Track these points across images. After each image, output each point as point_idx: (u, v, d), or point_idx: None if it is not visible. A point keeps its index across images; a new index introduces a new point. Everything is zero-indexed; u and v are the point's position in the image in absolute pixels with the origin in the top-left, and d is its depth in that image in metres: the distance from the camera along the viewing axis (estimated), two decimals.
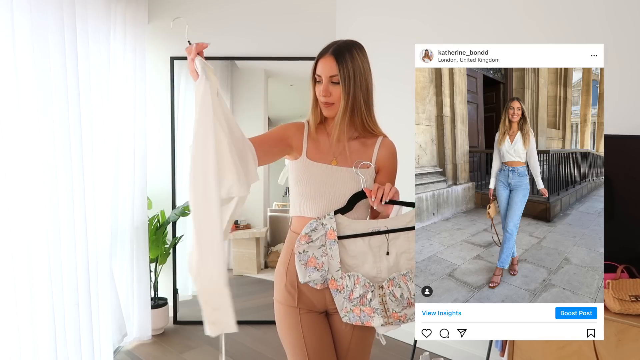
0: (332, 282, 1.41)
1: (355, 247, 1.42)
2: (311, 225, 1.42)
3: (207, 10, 3.37)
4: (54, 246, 2.08)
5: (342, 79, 1.42)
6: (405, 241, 1.44)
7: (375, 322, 1.40)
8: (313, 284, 1.42)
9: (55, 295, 2.07)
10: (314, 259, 1.41)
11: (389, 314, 1.40)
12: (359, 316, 1.41)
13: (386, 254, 1.43)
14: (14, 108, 1.89)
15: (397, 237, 1.44)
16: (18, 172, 1.92)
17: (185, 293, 3.48)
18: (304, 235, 1.41)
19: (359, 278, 1.39)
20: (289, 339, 1.49)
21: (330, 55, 1.43)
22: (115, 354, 2.91)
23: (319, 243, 1.42)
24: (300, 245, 1.41)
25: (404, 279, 1.42)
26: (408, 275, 1.42)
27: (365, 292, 1.39)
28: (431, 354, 2.93)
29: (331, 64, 1.42)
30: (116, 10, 2.86)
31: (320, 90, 1.44)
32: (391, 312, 1.40)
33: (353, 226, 1.44)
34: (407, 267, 1.43)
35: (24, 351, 1.94)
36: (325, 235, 1.42)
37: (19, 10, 1.88)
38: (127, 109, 2.94)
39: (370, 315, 1.40)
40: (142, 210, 3.08)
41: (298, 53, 3.33)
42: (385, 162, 1.53)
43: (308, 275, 1.41)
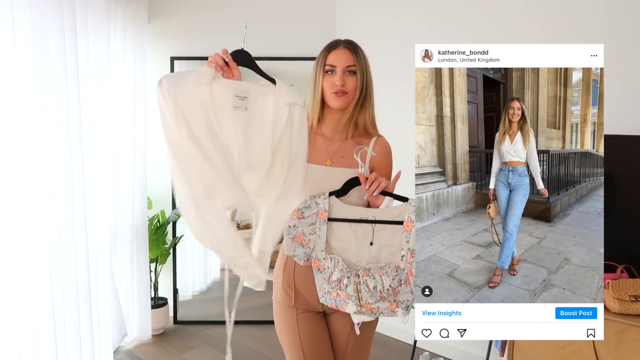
0: (315, 262, 1.42)
1: (342, 231, 1.42)
2: (305, 202, 1.43)
3: (207, 11, 3.37)
4: (54, 246, 2.08)
5: (360, 70, 1.45)
6: (390, 234, 1.42)
7: (348, 308, 1.40)
8: (297, 259, 1.43)
9: (55, 295, 2.07)
10: (301, 235, 1.42)
11: (362, 303, 1.39)
12: (334, 299, 1.41)
13: (370, 244, 1.42)
14: (14, 108, 1.89)
15: (384, 230, 1.42)
16: (18, 172, 1.92)
17: (185, 293, 3.48)
18: (296, 210, 1.42)
19: (338, 262, 1.39)
20: (286, 338, 1.50)
21: (344, 47, 1.45)
22: (115, 354, 2.92)
23: (309, 221, 1.43)
24: (292, 220, 1.42)
25: (380, 271, 1.39)
26: (385, 269, 1.39)
27: (342, 277, 1.39)
28: (431, 354, 2.93)
29: (347, 55, 1.44)
30: (116, 11, 2.86)
31: (334, 79, 1.44)
32: (364, 301, 1.39)
33: (343, 210, 1.44)
34: (388, 261, 1.41)
35: (24, 351, 1.94)
36: (316, 214, 1.42)
37: (19, 10, 1.88)
38: (127, 109, 2.94)
39: (345, 300, 1.40)
40: (142, 210, 3.08)
41: (298, 53, 3.33)
42: (379, 161, 1.53)
43: (293, 250, 1.42)
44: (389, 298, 1.40)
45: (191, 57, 3.34)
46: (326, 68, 1.46)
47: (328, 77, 1.46)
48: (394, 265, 1.39)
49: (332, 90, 1.45)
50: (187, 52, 3.35)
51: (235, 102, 1.30)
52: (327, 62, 1.45)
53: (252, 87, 1.34)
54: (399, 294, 1.41)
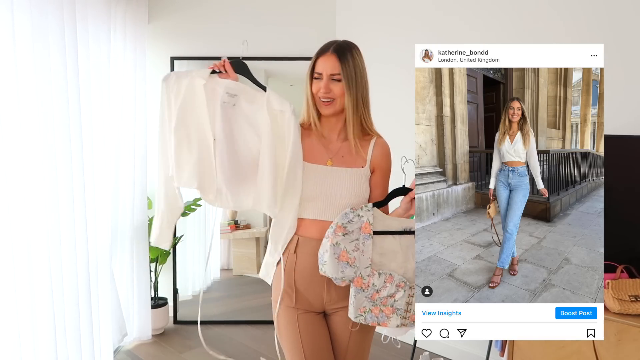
0: (358, 280, 1.34)
1: (385, 244, 1.37)
2: (347, 216, 1.35)
3: (207, 11, 3.37)
4: (54, 246, 2.08)
5: (346, 77, 1.44)
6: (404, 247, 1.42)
7: (391, 322, 1.36)
8: (339, 281, 1.35)
9: (55, 295, 2.07)
10: (345, 253, 1.33)
11: (408, 315, 1.36)
12: (377, 316, 1.36)
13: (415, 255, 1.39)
14: (14, 107, 1.89)
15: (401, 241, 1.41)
16: (18, 172, 1.92)
17: (185, 293, 3.48)
18: (339, 226, 1.34)
19: (391, 276, 1.34)
20: (286, 339, 1.49)
21: (332, 53, 1.44)
22: (115, 354, 2.92)
23: (353, 236, 1.34)
24: (336, 237, 1.33)
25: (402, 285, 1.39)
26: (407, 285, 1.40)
27: (395, 292, 1.34)
28: (431, 354, 2.93)
29: (333, 62, 1.43)
30: (116, 10, 2.86)
31: (319, 86, 1.44)
32: (412, 312, 1.36)
33: (387, 222, 1.38)
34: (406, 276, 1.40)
35: (24, 351, 1.94)
36: (360, 228, 1.35)
37: (20, 10, 1.88)
38: (127, 108, 2.94)
39: (389, 315, 1.36)
40: (142, 210, 3.08)
41: (298, 53, 3.34)
42: (379, 162, 1.53)
43: (341, 271, 1.33)
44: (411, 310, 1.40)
45: (191, 57, 3.34)
46: (314, 75, 1.46)
47: (315, 83, 1.46)
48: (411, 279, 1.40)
49: (318, 96, 1.47)
50: (187, 52, 3.35)
51: (225, 98, 1.41)
52: (314, 69, 1.46)
53: (243, 88, 1.45)
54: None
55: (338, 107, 1.47)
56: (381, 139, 1.56)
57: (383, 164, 1.54)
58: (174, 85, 1.39)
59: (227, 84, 1.42)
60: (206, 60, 3.35)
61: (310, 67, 1.47)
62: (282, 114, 1.43)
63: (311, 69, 1.47)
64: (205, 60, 3.34)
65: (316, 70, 1.45)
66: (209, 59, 3.35)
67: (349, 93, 1.45)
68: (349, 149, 1.51)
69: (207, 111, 1.39)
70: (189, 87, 1.39)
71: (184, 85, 1.39)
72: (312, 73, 1.47)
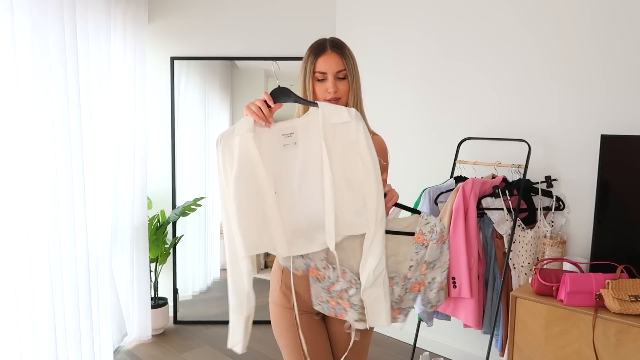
0: (314, 271, 1.37)
1: (346, 241, 1.37)
2: None
3: (208, 11, 3.37)
4: (54, 246, 2.08)
5: (351, 74, 1.43)
6: (395, 244, 1.40)
7: (349, 316, 1.38)
8: (294, 269, 1.38)
9: (55, 295, 2.07)
10: None
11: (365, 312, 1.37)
12: (333, 308, 1.39)
13: None
14: (14, 108, 1.89)
15: (389, 240, 1.39)
16: (18, 172, 1.92)
17: (185, 293, 3.48)
18: None
19: (344, 272, 1.35)
20: (285, 340, 1.48)
21: (332, 51, 1.41)
22: (115, 354, 2.92)
23: None
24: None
25: (391, 282, 1.38)
26: (395, 279, 1.39)
27: (348, 287, 1.36)
28: (431, 354, 2.93)
29: (337, 60, 1.41)
30: (116, 11, 2.86)
31: (326, 87, 1.41)
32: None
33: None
34: (394, 270, 1.40)
35: (24, 351, 1.95)
36: None
37: (19, 10, 1.88)
38: (127, 109, 2.94)
39: (346, 309, 1.37)
40: (142, 210, 3.08)
41: (298, 53, 3.32)
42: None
43: (290, 261, 1.37)
44: (395, 306, 1.40)
45: (191, 57, 3.34)
46: (317, 75, 1.42)
47: (320, 84, 1.42)
48: (402, 275, 1.39)
49: (325, 97, 1.42)
50: (187, 52, 3.35)
51: (284, 141, 1.31)
52: (316, 69, 1.41)
53: (293, 122, 1.34)
54: (403, 301, 1.42)
55: (344, 104, 1.44)
56: (378, 137, 1.54)
57: (381, 163, 1.53)
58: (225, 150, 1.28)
59: (279, 127, 1.32)
60: (206, 60, 3.35)
61: (310, 68, 1.42)
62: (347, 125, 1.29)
63: (312, 70, 1.42)
64: (205, 60, 3.35)
65: (318, 70, 1.41)
66: (209, 59, 3.35)
67: (352, 89, 1.44)
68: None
69: (264, 164, 1.28)
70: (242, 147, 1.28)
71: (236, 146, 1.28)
72: (314, 74, 1.42)
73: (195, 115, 3.43)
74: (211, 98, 3.45)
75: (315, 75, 1.42)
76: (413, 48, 3.02)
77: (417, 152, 3.03)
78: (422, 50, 2.97)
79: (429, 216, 1.42)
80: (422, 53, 2.97)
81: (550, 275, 2.01)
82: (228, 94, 3.44)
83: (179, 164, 3.38)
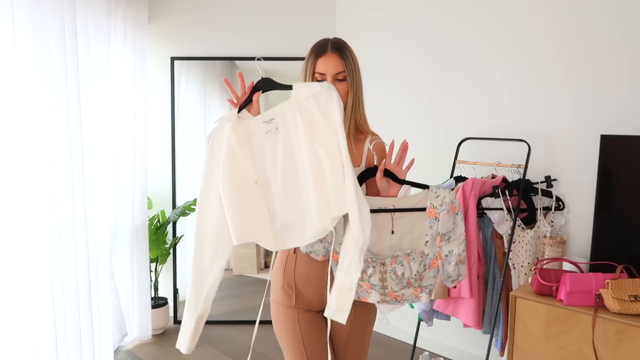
0: (334, 255, 1.38)
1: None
2: None
3: (208, 11, 3.37)
4: (54, 246, 2.08)
5: (350, 76, 1.43)
6: (410, 221, 1.41)
7: (371, 297, 1.39)
8: (314, 255, 1.40)
9: (56, 295, 2.07)
10: None
11: (386, 292, 1.38)
12: (356, 292, 1.39)
13: (391, 232, 1.41)
14: (14, 108, 1.89)
15: (402, 217, 1.41)
16: (18, 172, 1.92)
17: (186, 293, 3.47)
18: None
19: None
20: (287, 339, 1.49)
21: (332, 52, 1.42)
22: (115, 354, 2.92)
23: None
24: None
25: (407, 258, 1.39)
26: (412, 255, 1.39)
27: (366, 268, 1.36)
28: (431, 354, 2.93)
29: (336, 61, 1.41)
30: (116, 11, 2.87)
31: None
32: (389, 289, 1.38)
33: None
34: (410, 247, 1.41)
35: (25, 351, 1.95)
36: None
37: (20, 10, 1.89)
38: (127, 109, 2.95)
39: (368, 291, 1.38)
40: (142, 210, 3.08)
41: (298, 53, 3.33)
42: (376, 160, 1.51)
43: (310, 246, 1.39)
44: (415, 284, 1.40)
45: (191, 57, 3.34)
46: (316, 76, 1.43)
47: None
48: (419, 251, 1.40)
49: None
50: (187, 52, 3.35)
51: (265, 128, 1.33)
52: (316, 70, 1.42)
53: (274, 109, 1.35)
54: (423, 278, 1.41)
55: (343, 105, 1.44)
56: (376, 137, 1.54)
57: (379, 162, 1.53)
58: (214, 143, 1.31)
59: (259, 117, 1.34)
60: (206, 60, 3.35)
61: (310, 69, 1.43)
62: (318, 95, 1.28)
63: (311, 71, 1.43)
64: (205, 60, 3.35)
65: (318, 71, 1.42)
66: (209, 59, 3.35)
67: (351, 91, 1.44)
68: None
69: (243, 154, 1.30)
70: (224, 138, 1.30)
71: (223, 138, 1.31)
72: (313, 75, 1.43)
73: (195, 115, 3.43)
74: (211, 98, 3.46)
75: (314, 76, 1.43)
76: (413, 48, 3.02)
77: (417, 152, 3.02)
78: (423, 50, 2.97)
79: (438, 189, 1.43)
80: (423, 53, 2.97)
81: (550, 275, 2.01)
82: (228, 94, 3.44)
83: (179, 164, 3.38)
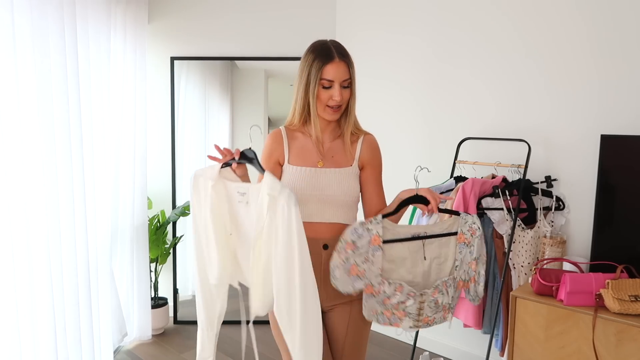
0: (369, 288, 1.36)
1: (394, 251, 1.38)
2: (356, 232, 1.36)
3: (208, 11, 3.37)
4: (54, 246, 2.08)
5: (353, 82, 1.47)
6: (437, 247, 1.43)
7: (404, 324, 1.40)
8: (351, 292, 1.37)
9: (55, 295, 2.07)
10: (355, 267, 1.35)
11: (420, 319, 1.40)
12: (388, 318, 1.40)
13: (423, 258, 1.42)
14: (14, 108, 1.89)
15: (432, 243, 1.43)
16: (18, 172, 1.92)
17: (185, 293, 3.48)
18: (349, 243, 1.35)
19: (401, 286, 1.36)
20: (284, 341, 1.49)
21: (340, 60, 1.43)
22: (115, 354, 2.92)
23: (362, 250, 1.36)
24: (344, 253, 1.34)
25: (445, 285, 1.41)
26: (448, 282, 1.42)
27: (406, 299, 1.36)
28: (431, 354, 2.93)
29: (344, 69, 1.44)
30: (116, 11, 2.86)
31: (330, 94, 1.44)
32: (424, 317, 1.40)
33: (396, 230, 1.40)
34: (438, 272, 1.43)
35: (25, 351, 1.95)
36: (369, 242, 1.37)
37: (20, 11, 1.88)
38: (127, 109, 2.94)
39: (401, 318, 1.39)
40: (142, 210, 3.08)
41: (298, 53, 3.32)
42: (369, 158, 1.54)
43: (351, 285, 1.35)
44: (447, 307, 1.44)
45: (191, 57, 3.34)
46: (323, 82, 1.43)
47: (324, 91, 1.44)
48: (452, 277, 1.43)
49: (328, 104, 1.45)
50: (187, 52, 3.35)
51: (239, 198, 1.38)
52: (324, 76, 1.42)
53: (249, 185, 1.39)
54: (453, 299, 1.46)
55: (342, 111, 1.50)
56: (369, 135, 1.57)
57: (373, 161, 1.55)
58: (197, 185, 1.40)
59: (237, 185, 1.38)
60: (206, 60, 3.35)
61: (316, 74, 1.43)
62: (278, 199, 1.25)
63: (318, 77, 1.43)
64: (205, 60, 3.35)
65: (326, 78, 1.42)
66: (209, 59, 3.35)
67: (352, 96, 1.49)
68: (338, 148, 1.52)
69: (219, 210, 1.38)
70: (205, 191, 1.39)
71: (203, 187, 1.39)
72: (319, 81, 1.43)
73: (195, 115, 3.43)
74: (211, 98, 3.46)
75: (321, 82, 1.44)
76: (414, 47, 3.02)
77: (417, 152, 3.03)
78: (423, 49, 2.97)
79: (466, 215, 1.45)
80: (423, 52, 2.97)
81: (550, 275, 2.01)
82: (228, 94, 3.44)
83: (179, 164, 3.38)
